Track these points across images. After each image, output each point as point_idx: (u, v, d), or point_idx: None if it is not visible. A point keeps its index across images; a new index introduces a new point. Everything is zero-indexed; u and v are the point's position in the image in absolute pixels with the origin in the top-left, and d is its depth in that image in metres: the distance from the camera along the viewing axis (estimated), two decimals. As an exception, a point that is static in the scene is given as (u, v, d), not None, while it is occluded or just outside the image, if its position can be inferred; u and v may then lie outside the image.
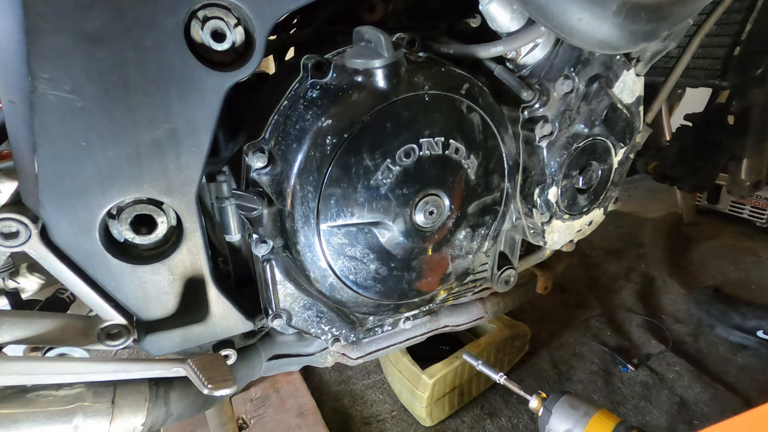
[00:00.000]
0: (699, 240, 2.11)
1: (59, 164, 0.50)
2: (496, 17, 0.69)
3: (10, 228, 0.51)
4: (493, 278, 0.96)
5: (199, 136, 0.56)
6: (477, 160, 0.70)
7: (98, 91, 0.49)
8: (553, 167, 0.79)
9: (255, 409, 1.29)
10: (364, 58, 0.59)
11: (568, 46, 0.73)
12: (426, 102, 0.63)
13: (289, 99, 0.63)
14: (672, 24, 0.62)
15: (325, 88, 0.61)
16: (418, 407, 1.22)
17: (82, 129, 0.50)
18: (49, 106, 0.47)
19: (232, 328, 0.71)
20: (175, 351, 0.68)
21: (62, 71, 0.47)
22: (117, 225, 0.58)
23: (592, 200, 0.89)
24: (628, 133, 0.85)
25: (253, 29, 0.54)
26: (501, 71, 0.74)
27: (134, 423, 0.64)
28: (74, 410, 0.59)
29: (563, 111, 0.76)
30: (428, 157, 0.65)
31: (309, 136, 0.59)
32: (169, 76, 0.51)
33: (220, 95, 0.55)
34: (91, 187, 0.53)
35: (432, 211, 0.68)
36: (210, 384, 0.58)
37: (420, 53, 0.67)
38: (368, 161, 0.61)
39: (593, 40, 0.60)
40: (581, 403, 0.61)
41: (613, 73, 0.80)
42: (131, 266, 0.59)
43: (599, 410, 0.60)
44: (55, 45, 0.45)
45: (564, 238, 0.91)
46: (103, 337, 0.60)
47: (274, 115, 0.63)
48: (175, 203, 0.59)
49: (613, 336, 1.57)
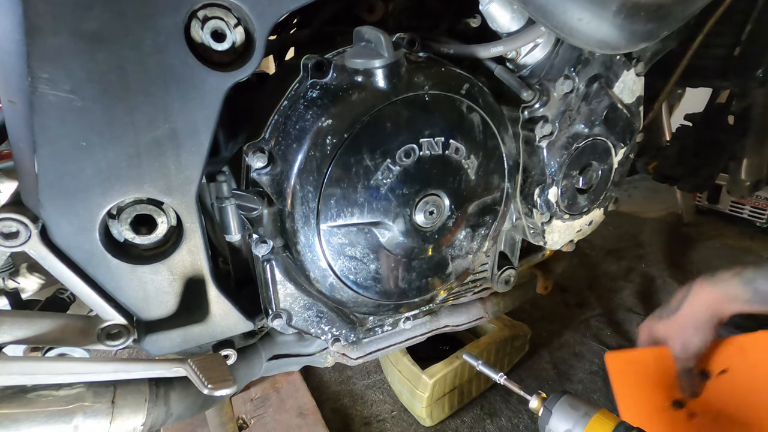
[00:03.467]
0: (699, 240, 2.11)
1: (59, 164, 0.50)
2: (496, 17, 0.69)
3: (10, 228, 0.51)
4: (493, 278, 0.96)
5: (199, 136, 0.56)
6: (477, 160, 0.70)
7: (98, 91, 0.49)
8: (553, 167, 0.79)
9: (255, 409, 1.29)
10: (364, 58, 0.59)
11: (568, 46, 0.73)
12: (426, 102, 0.63)
13: (289, 99, 0.63)
14: (672, 24, 0.62)
15: (325, 88, 0.61)
16: (418, 407, 1.22)
17: (82, 129, 0.50)
18: (49, 106, 0.47)
19: (232, 328, 0.71)
20: (175, 351, 0.68)
21: (62, 71, 0.47)
22: (117, 225, 0.58)
23: (592, 200, 0.89)
24: (628, 133, 0.85)
25: (253, 29, 0.54)
26: (501, 71, 0.74)
27: (134, 423, 0.64)
28: (74, 410, 0.59)
29: (563, 111, 0.76)
30: (428, 157, 0.65)
31: (309, 136, 0.59)
32: (169, 76, 0.51)
33: (220, 95, 0.55)
34: (91, 187, 0.53)
35: (432, 211, 0.68)
36: (210, 384, 0.58)
37: (420, 53, 0.67)
38: (368, 161, 0.61)
39: (593, 40, 0.60)
40: (581, 403, 0.61)
41: (614, 73, 0.80)
42: (131, 266, 0.59)
43: (599, 410, 0.60)
44: (55, 45, 0.45)
45: (564, 238, 0.91)
46: (103, 337, 0.60)
47: (274, 115, 0.63)
48: (175, 203, 0.59)
49: (613, 336, 1.57)
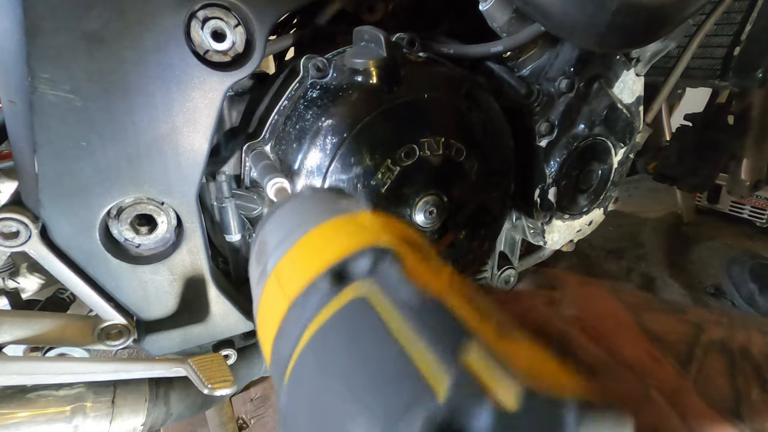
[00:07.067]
0: (699, 240, 2.11)
1: (59, 164, 0.50)
2: (496, 17, 0.69)
3: (10, 228, 0.51)
4: (493, 278, 0.96)
5: (199, 136, 0.56)
6: (477, 160, 0.70)
7: (98, 91, 0.49)
8: (553, 167, 0.79)
9: (255, 409, 1.29)
10: (364, 58, 0.60)
11: (568, 46, 0.73)
12: (426, 102, 0.63)
13: (289, 99, 0.63)
14: (672, 24, 0.62)
15: (325, 88, 0.61)
16: (418, 407, 1.22)
17: (82, 129, 0.50)
18: (49, 106, 0.47)
19: (232, 328, 0.71)
20: (175, 351, 0.68)
21: (62, 71, 0.47)
22: (117, 225, 0.58)
23: (592, 200, 0.89)
24: (628, 133, 0.85)
25: (253, 29, 0.55)
26: (501, 71, 0.74)
27: (134, 423, 0.64)
28: (74, 410, 0.59)
29: (563, 111, 0.76)
30: (428, 157, 0.65)
31: (309, 136, 0.59)
32: (169, 76, 0.51)
33: (220, 95, 0.55)
34: (91, 187, 0.53)
35: (432, 211, 0.68)
36: (210, 384, 0.58)
37: (420, 53, 0.67)
38: (368, 161, 0.61)
39: (593, 40, 0.60)
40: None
41: (613, 73, 0.80)
42: (131, 266, 0.59)
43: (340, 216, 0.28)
44: (55, 45, 0.45)
45: (564, 238, 0.91)
46: (103, 337, 0.60)
47: (274, 115, 0.63)
48: (176, 203, 0.59)
49: (613, 336, 1.56)
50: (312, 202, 0.31)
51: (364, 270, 0.23)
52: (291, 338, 0.23)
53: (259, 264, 0.29)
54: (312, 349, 0.21)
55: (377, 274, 0.22)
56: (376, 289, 0.21)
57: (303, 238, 0.27)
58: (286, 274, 0.26)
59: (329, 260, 0.24)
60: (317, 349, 0.21)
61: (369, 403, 0.17)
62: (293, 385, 0.22)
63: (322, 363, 0.21)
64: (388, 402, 0.17)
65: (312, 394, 0.20)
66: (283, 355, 0.23)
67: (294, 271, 0.25)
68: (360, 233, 0.25)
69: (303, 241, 0.27)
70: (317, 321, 0.22)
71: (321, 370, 0.20)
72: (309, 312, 0.22)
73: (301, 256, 0.26)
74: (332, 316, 0.21)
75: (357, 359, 0.19)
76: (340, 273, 0.23)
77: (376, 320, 0.20)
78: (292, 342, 0.22)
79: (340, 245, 0.24)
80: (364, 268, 0.23)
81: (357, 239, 0.25)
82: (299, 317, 0.23)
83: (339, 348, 0.20)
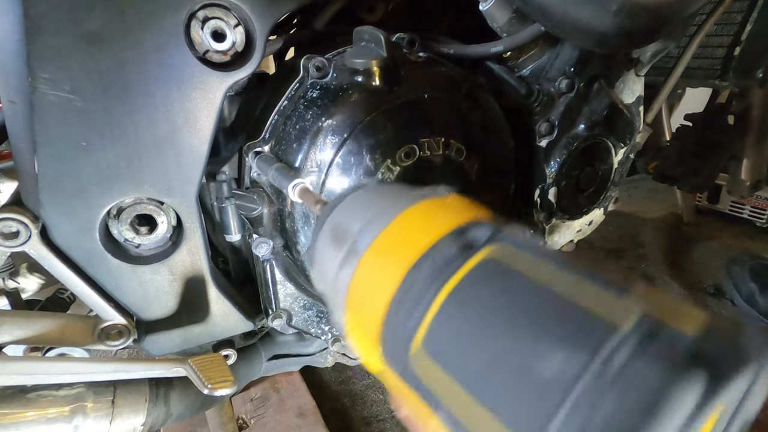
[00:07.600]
0: (699, 240, 2.11)
1: (59, 164, 0.50)
2: (497, 17, 0.69)
3: (10, 228, 0.51)
4: (493, 278, 0.96)
5: (199, 136, 0.56)
6: (477, 160, 0.70)
7: (98, 91, 0.49)
8: (553, 167, 0.79)
9: (255, 409, 1.29)
10: (364, 58, 0.59)
11: (568, 46, 0.73)
12: (426, 102, 0.63)
13: (289, 99, 0.63)
14: (672, 24, 0.62)
15: (325, 88, 0.61)
16: (418, 407, 1.22)
17: (82, 129, 0.50)
18: (49, 106, 0.47)
19: (232, 328, 0.71)
20: (175, 351, 0.68)
21: (62, 71, 0.47)
22: (117, 225, 0.58)
23: (592, 200, 0.89)
24: (628, 133, 0.85)
25: (253, 29, 0.55)
26: (501, 71, 0.74)
27: (134, 423, 0.64)
28: (74, 410, 0.59)
29: (563, 111, 0.76)
30: (428, 157, 0.65)
31: (309, 136, 0.59)
32: (169, 76, 0.51)
33: (220, 95, 0.55)
34: (91, 187, 0.53)
35: (432, 211, 0.68)
36: (210, 384, 0.58)
37: (420, 53, 0.67)
38: (368, 161, 0.61)
39: (593, 40, 0.60)
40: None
41: (614, 73, 0.80)
42: (131, 266, 0.59)
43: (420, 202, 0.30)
44: (55, 45, 0.45)
45: (564, 238, 0.91)
46: (103, 337, 0.60)
47: (274, 115, 0.63)
48: (176, 203, 0.59)
49: (613, 336, 1.56)
50: (387, 189, 0.34)
51: (483, 238, 0.26)
52: (422, 300, 0.24)
53: (341, 246, 0.30)
54: (457, 305, 0.23)
55: (505, 239, 0.25)
56: (512, 251, 0.24)
57: (400, 216, 0.28)
58: (391, 247, 0.27)
59: (443, 229, 0.26)
60: (465, 304, 0.23)
61: (561, 336, 0.19)
62: (436, 338, 0.23)
63: (475, 316, 0.22)
64: (578, 335, 0.19)
65: (470, 342, 0.22)
66: (412, 315, 0.24)
67: (405, 242, 0.27)
68: (459, 210, 0.29)
69: (401, 219, 0.28)
70: (452, 282, 0.24)
71: (476, 322, 0.22)
72: (442, 275, 0.24)
73: (406, 231, 0.28)
74: (467, 277, 0.24)
75: (519, 306, 0.21)
76: (463, 241, 0.25)
77: (518, 275, 0.23)
78: (424, 303, 0.24)
79: (446, 220, 0.27)
80: (484, 235, 0.26)
81: (460, 215, 0.28)
82: (427, 283, 0.24)
83: (491, 301, 0.22)
